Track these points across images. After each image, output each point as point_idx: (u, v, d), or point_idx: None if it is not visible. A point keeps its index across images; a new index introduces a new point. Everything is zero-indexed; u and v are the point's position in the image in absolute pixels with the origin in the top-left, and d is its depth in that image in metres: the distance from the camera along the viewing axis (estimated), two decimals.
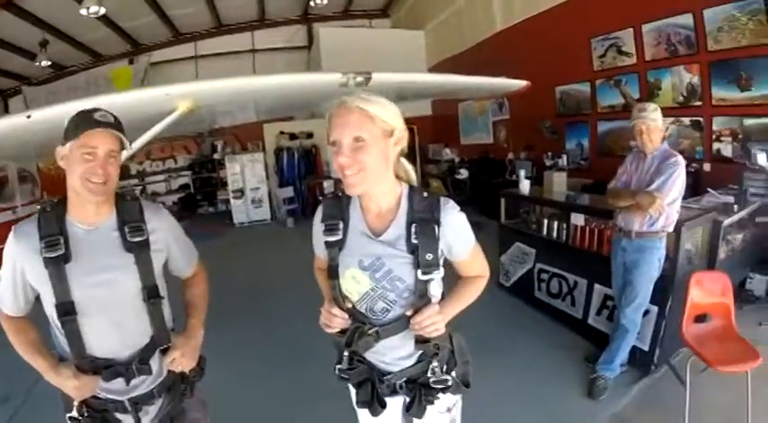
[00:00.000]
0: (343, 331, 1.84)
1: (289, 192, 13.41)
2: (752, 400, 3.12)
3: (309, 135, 14.35)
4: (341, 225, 1.80)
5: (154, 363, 1.91)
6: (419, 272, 1.72)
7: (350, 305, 1.83)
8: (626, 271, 3.80)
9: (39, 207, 1.85)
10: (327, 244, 1.82)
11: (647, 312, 3.88)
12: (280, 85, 4.79)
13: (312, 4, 13.17)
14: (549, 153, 8.69)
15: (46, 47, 12.09)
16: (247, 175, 13.54)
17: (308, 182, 13.93)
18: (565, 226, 5.03)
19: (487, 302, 2.24)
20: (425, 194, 1.79)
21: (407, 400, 1.91)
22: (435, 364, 1.84)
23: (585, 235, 4.76)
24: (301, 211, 13.45)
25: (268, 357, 4.81)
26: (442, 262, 1.78)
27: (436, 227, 1.74)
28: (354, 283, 1.79)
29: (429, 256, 1.71)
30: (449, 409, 1.99)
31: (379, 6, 16.29)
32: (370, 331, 1.79)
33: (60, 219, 1.81)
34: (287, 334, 5.33)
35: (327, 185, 13.60)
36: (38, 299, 1.87)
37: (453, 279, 1.93)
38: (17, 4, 10.32)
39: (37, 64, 12.62)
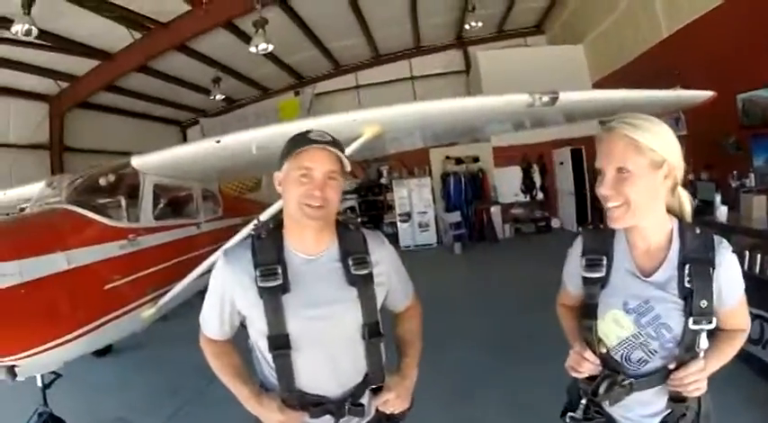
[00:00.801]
0: (591, 378, 1.71)
1: (456, 217, 13.46)
2: None
3: (476, 159, 14.52)
4: (604, 261, 1.69)
5: (364, 401, 1.83)
6: (690, 320, 1.57)
7: (604, 350, 1.71)
8: None
9: (253, 232, 1.79)
10: (587, 280, 1.72)
11: None
12: (466, 108, 4.78)
13: (467, 27, 13.25)
14: (735, 172, 7.87)
15: (219, 83, 13.74)
16: (414, 200, 14.04)
17: (475, 207, 13.97)
18: None
19: None
20: (698, 231, 1.65)
21: None
22: None
23: None
24: (468, 236, 13.48)
25: (434, 387, 4.53)
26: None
27: (711, 269, 1.59)
28: (615, 327, 1.68)
29: (704, 304, 1.56)
30: None
31: (533, 23, 16.07)
32: (625, 382, 1.65)
33: (278, 246, 1.75)
34: (455, 364, 5.25)
35: (495, 211, 13.75)
36: (242, 324, 1.84)
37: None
38: (189, 46, 11.71)
39: (211, 98, 14.43)
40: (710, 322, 1.58)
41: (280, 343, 1.69)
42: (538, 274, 1.75)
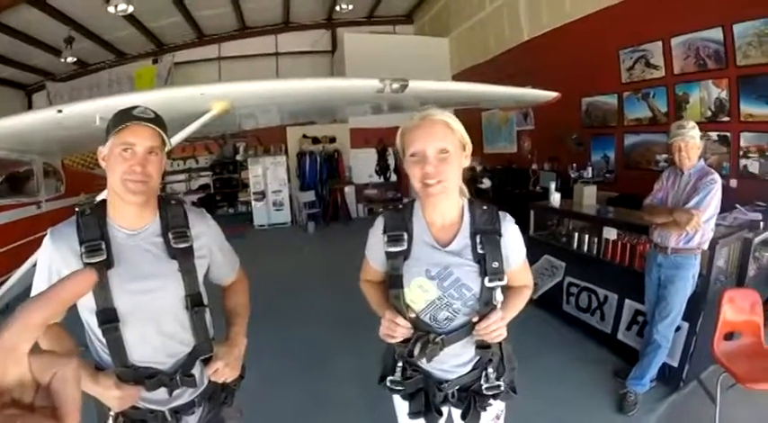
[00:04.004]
0: (404, 342, 1.84)
1: (310, 196, 13.37)
2: None
3: (332, 139, 14.43)
4: (405, 236, 1.84)
5: (195, 372, 1.87)
6: (486, 279, 1.77)
7: (413, 315, 1.85)
8: (660, 286, 3.85)
9: (77, 209, 1.76)
10: (390, 254, 1.85)
11: (678, 328, 3.91)
12: (317, 89, 4.67)
13: (337, 8, 13.26)
14: (574, 165, 8.66)
15: (71, 44, 12.32)
16: (269, 178, 13.61)
17: (329, 186, 13.94)
18: (596, 240, 5.05)
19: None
20: (485, 207, 1.88)
21: (459, 409, 1.95)
22: (491, 370, 1.91)
23: (617, 249, 4.79)
24: (322, 215, 13.47)
25: (285, 363, 4.79)
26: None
27: (498, 237, 1.82)
28: (421, 292, 1.82)
29: (495, 265, 1.78)
30: (497, 417, 2.07)
31: (403, 12, 16.33)
32: (437, 340, 1.80)
33: (101, 222, 1.73)
34: (305, 340, 5.36)
35: (349, 191, 13.76)
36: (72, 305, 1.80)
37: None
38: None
39: (62, 60, 12.90)
40: (502, 279, 1.81)
41: (108, 317, 1.69)
42: None
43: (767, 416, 3.29)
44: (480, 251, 1.79)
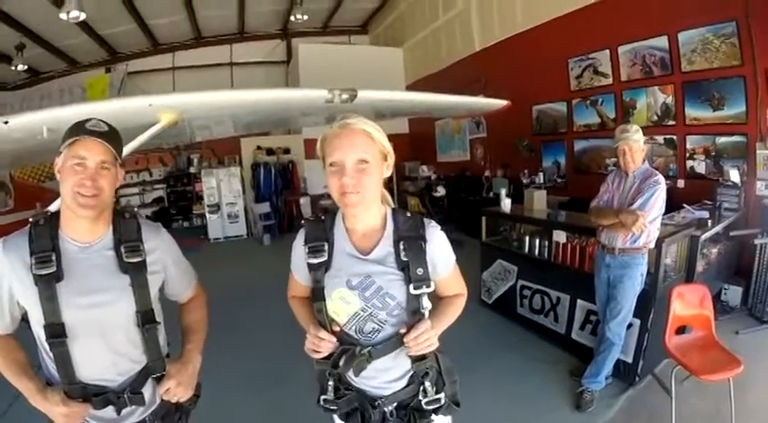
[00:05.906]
0: (328, 357, 1.78)
1: (265, 207, 13.17)
2: (735, 407, 3.26)
3: (287, 150, 14.27)
4: (325, 246, 1.78)
5: (146, 391, 1.81)
6: (411, 287, 1.71)
7: (337, 329, 1.78)
8: (610, 286, 3.91)
9: (31, 220, 1.71)
10: (311, 266, 1.78)
11: (630, 326, 3.97)
12: (266, 100, 4.68)
13: (292, 18, 13.19)
14: (526, 171, 8.91)
15: (22, 51, 11.91)
16: (224, 190, 13.33)
17: (284, 198, 13.76)
18: (547, 243, 5.12)
19: (469, 320, 2.20)
20: (409, 215, 1.83)
21: None
22: (428, 384, 1.82)
23: (568, 252, 4.87)
24: (278, 227, 13.26)
25: (244, 379, 4.64)
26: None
27: (423, 243, 1.75)
28: (343, 304, 1.75)
29: (420, 271, 1.72)
30: None
31: (359, 23, 16.43)
32: (364, 351, 1.74)
33: (53, 234, 1.70)
34: (263, 355, 5.26)
35: (304, 202, 13.48)
36: (24, 317, 1.76)
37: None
38: None
39: (12, 68, 12.42)
40: (429, 286, 1.74)
41: (55, 332, 1.64)
42: None
43: (721, 405, 3.35)
44: (404, 258, 1.73)
